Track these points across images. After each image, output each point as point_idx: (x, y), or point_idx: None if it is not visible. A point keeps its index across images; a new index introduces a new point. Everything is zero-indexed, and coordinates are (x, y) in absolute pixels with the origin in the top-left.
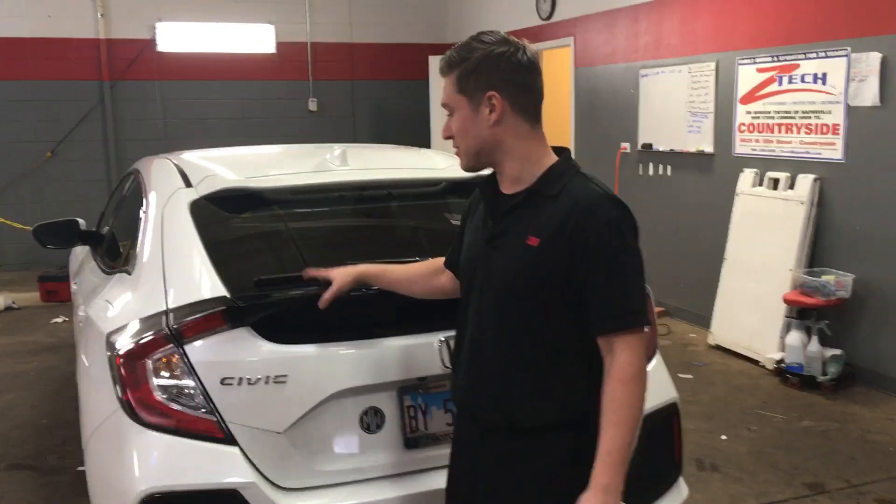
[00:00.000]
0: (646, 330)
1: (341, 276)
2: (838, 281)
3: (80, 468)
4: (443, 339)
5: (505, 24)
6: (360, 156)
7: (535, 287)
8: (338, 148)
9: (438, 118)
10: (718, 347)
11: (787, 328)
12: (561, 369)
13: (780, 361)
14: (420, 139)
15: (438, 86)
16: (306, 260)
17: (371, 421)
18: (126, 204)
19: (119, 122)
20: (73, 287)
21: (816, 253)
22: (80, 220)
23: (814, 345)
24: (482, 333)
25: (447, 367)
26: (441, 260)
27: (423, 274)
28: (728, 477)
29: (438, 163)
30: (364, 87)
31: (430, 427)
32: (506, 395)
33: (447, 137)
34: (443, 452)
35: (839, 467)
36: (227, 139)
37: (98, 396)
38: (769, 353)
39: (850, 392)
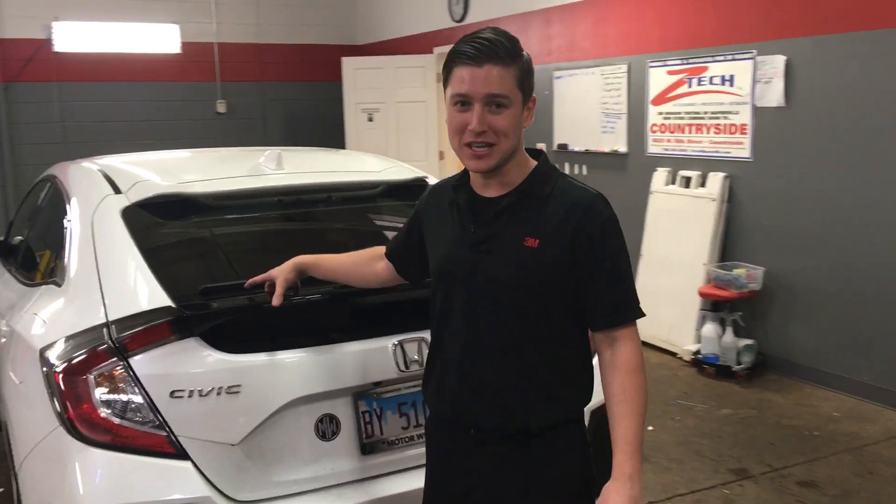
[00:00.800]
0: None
1: (282, 272)
2: (749, 274)
3: None
4: (396, 342)
5: (417, 25)
6: (295, 159)
7: (539, 288)
8: (270, 151)
9: (353, 121)
10: None
11: (702, 320)
12: (563, 368)
13: (697, 353)
14: (333, 142)
15: (352, 87)
16: (245, 266)
17: (326, 428)
18: (42, 212)
19: (14, 126)
20: None
21: (728, 247)
22: None
23: (728, 336)
24: (478, 341)
25: (402, 371)
26: (379, 249)
27: (360, 262)
28: (658, 466)
29: (374, 166)
30: (274, 89)
31: (386, 432)
32: (513, 401)
33: (481, 131)
34: (398, 457)
35: (760, 452)
36: (131, 142)
37: (32, 415)
38: (686, 345)
39: (763, 380)
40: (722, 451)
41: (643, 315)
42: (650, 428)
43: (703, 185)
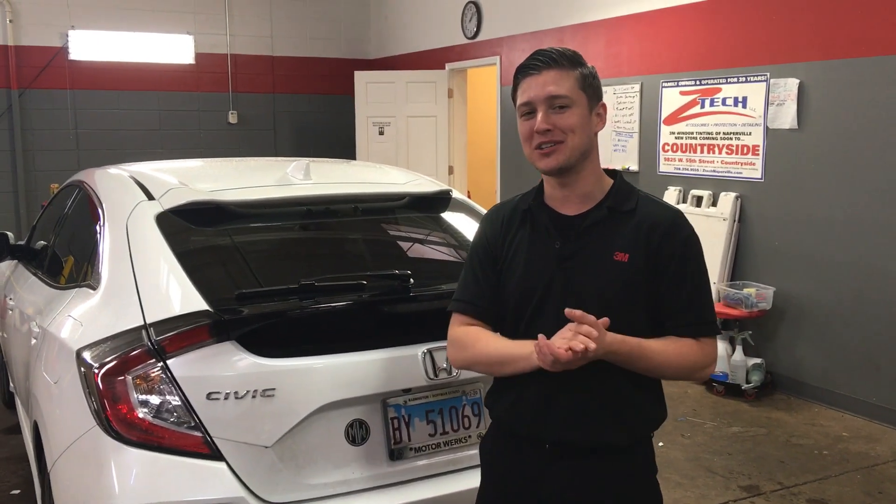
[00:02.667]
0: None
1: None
2: (759, 293)
3: (15, 491)
4: (426, 350)
5: (430, 41)
6: (321, 170)
7: (628, 302)
8: (297, 162)
9: (364, 134)
10: None
11: None
12: (642, 384)
13: None
14: (344, 154)
15: (364, 101)
16: (275, 272)
17: (356, 433)
18: (70, 217)
19: (27, 132)
20: (9, 303)
21: (738, 267)
22: (9, 234)
23: (738, 354)
24: None
25: (430, 379)
26: (474, 329)
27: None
28: (669, 482)
29: (397, 178)
30: (286, 101)
31: (413, 439)
32: (595, 417)
33: (546, 130)
34: (425, 464)
35: (771, 470)
36: (143, 151)
37: (67, 415)
38: None
39: (772, 399)
40: (732, 468)
41: (720, 332)
42: (661, 444)
43: (714, 204)
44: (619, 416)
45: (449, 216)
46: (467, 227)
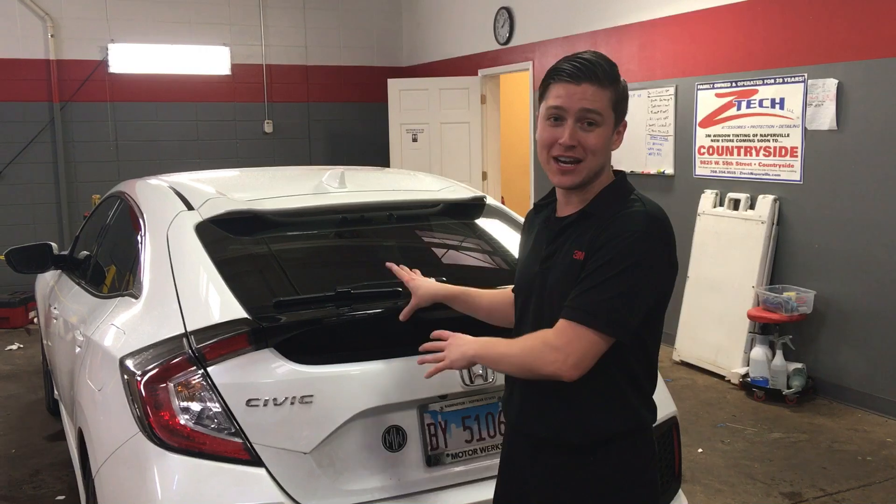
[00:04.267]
0: (602, 337)
1: (422, 293)
2: (800, 297)
3: (60, 497)
4: None
5: (462, 48)
6: (356, 178)
7: None
8: (332, 171)
9: (397, 141)
10: (683, 363)
11: (751, 343)
12: (619, 380)
13: (746, 376)
14: (378, 161)
15: (397, 108)
16: (312, 280)
17: (393, 439)
18: (112, 227)
19: (69, 144)
20: (54, 311)
21: (777, 270)
22: (53, 244)
23: (778, 359)
24: None
25: (466, 385)
26: (509, 291)
27: (504, 302)
28: (709, 489)
29: (431, 185)
30: (320, 109)
31: (450, 445)
32: (571, 412)
33: (571, 146)
34: (461, 470)
35: (813, 477)
36: (181, 161)
37: (111, 422)
38: (734, 368)
39: (813, 404)
40: (774, 474)
41: (596, 326)
42: (700, 450)
43: (752, 207)
44: (576, 413)
45: (483, 222)
46: (502, 234)
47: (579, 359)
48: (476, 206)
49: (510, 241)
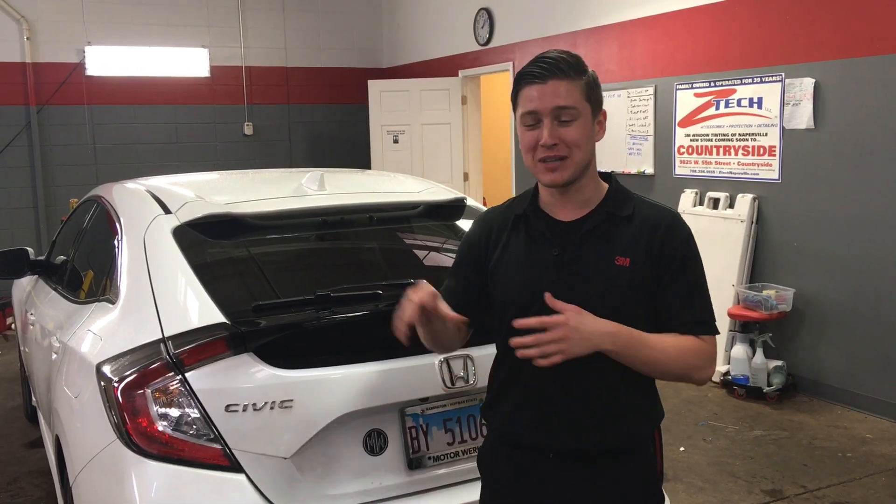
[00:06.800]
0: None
1: (428, 288)
2: (779, 295)
3: None
4: (443, 359)
5: (443, 49)
6: (335, 180)
7: (631, 306)
8: (311, 173)
9: (378, 142)
10: None
11: (731, 342)
12: (642, 386)
13: (727, 374)
14: (359, 163)
15: (378, 109)
16: (291, 284)
17: (374, 443)
18: (88, 232)
19: (46, 148)
20: (30, 317)
21: (757, 268)
22: (30, 249)
23: (758, 357)
24: (568, 364)
25: (448, 387)
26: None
27: (462, 327)
28: (692, 487)
29: (411, 186)
30: (300, 112)
31: (432, 447)
32: (599, 422)
33: (553, 144)
34: (443, 473)
35: (794, 474)
36: (160, 164)
37: (88, 429)
38: None
39: (793, 401)
40: (755, 471)
41: (718, 332)
42: (681, 449)
43: (731, 206)
44: (619, 419)
45: (464, 224)
46: None
47: (713, 364)
48: (456, 208)
49: None
